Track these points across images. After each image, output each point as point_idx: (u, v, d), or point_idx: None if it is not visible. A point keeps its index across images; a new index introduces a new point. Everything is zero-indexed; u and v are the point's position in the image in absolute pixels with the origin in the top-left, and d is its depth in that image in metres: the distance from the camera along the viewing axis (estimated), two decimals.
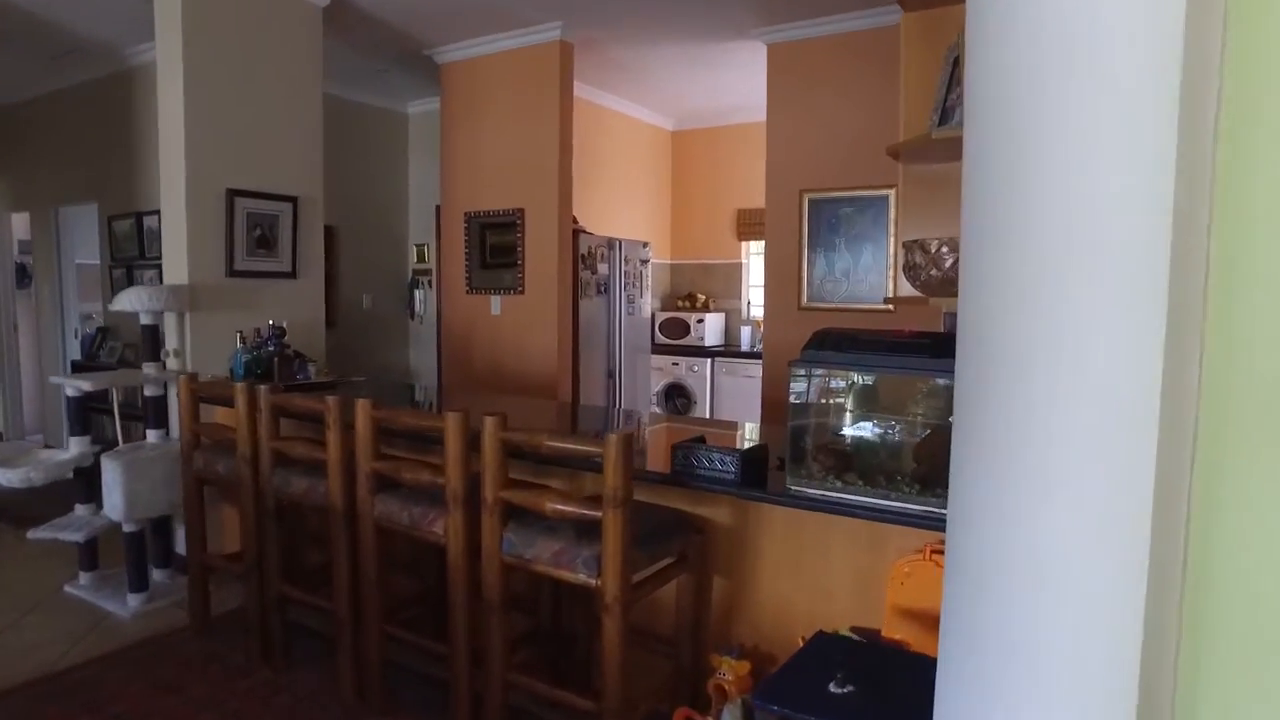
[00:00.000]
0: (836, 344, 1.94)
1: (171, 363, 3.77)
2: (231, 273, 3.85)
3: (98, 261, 5.97)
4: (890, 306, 4.53)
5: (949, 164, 2.13)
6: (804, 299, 4.86)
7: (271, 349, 3.73)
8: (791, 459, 2.00)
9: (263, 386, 2.71)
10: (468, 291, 5.22)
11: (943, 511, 1.81)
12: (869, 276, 4.64)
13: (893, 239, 4.51)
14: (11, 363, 7.26)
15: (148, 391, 3.56)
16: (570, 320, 5.00)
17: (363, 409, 2.41)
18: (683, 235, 7.46)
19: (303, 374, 3.84)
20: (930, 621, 1.95)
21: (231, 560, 3.10)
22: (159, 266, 4.29)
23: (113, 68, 5.52)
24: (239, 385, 2.78)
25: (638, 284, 5.78)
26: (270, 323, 3.80)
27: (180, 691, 2.79)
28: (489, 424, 2.12)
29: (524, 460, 2.37)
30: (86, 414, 5.50)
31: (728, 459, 2.06)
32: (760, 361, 6.29)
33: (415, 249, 6.68)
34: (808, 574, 2.22)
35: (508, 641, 2.24)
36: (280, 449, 2.70)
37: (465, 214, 5.20)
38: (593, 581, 2.02)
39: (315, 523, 3.20)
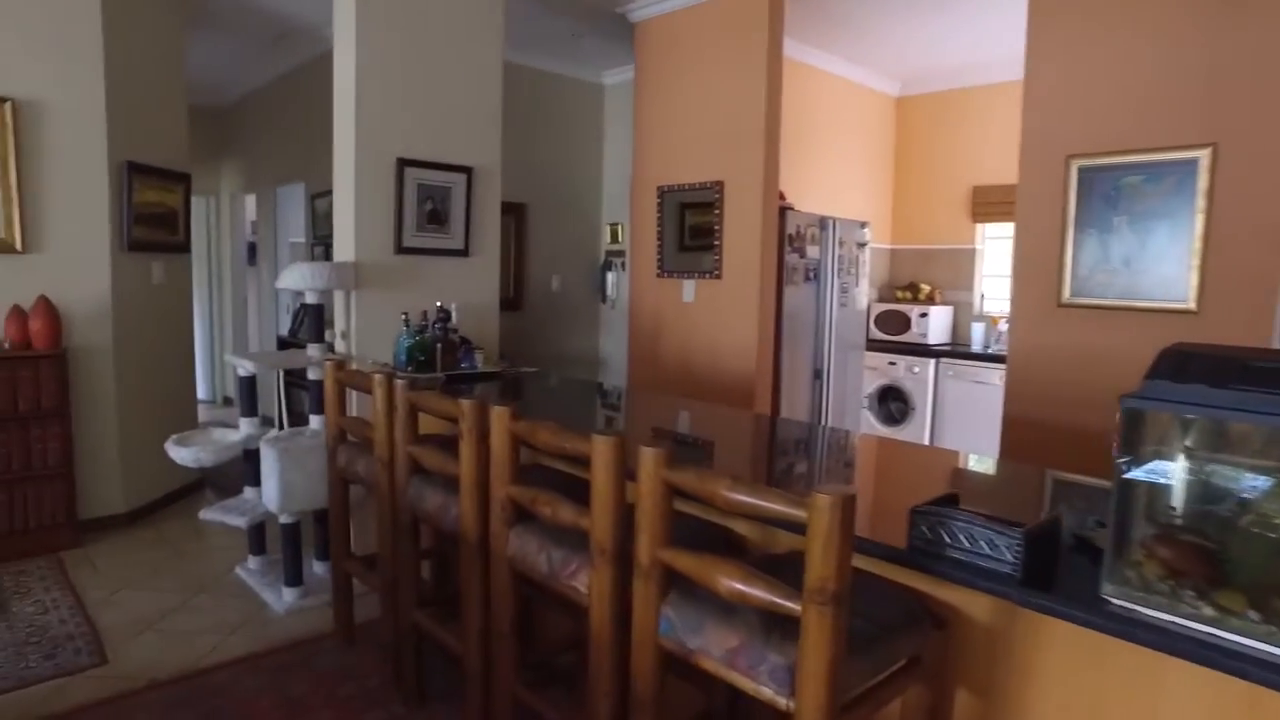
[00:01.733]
0: (1215, 374, 1.15)
1: (339, 345, 3.55)
2: (400, 249, 3.56)
3: (304, 240, 6.10)
4: (1194, 307, 3.46)
5: None
6: (1065, 293, 3.85)
7: (436, 333, 3.40)
8: (1114, 553, 1.24)
9: (399, 380, 2.30)
10: (659, 275, 4.69)
11: None
12: (1160, 266, 3.56)
13: (1202, 215, 3.41)
14: (241, 334, 7.75)
15: (311, 375, 3.34)
16: (773, 310, 4.33)
17: (499, 419, 1.91)
18: (905, 216, 6.50)
19: (468, 362, 3.48)
20: None
21: (372, 568, 2.77)
22: None
23: (317, 50, 5.54)
24: (376, 377, 2.40)
25: (853, 270, 4.98)
26: (437, 305, 3.47)
27: (305, 714, 2.49)
28: (648, 459, 1.53)
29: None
30: (288, 390, 5.59)
31: (1000, 541, 1.33)
32: (999, 367, 5.29)
33: (609, 228, 6.27)
34: (1118, 717, 1.44)
35: None
36: (416, 455, 2.29)
37: (658, 188, 4.67)
38: (783, 701, 1.37)
39: None
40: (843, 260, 4.88)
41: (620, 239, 6.14)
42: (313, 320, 3.33)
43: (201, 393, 7.76)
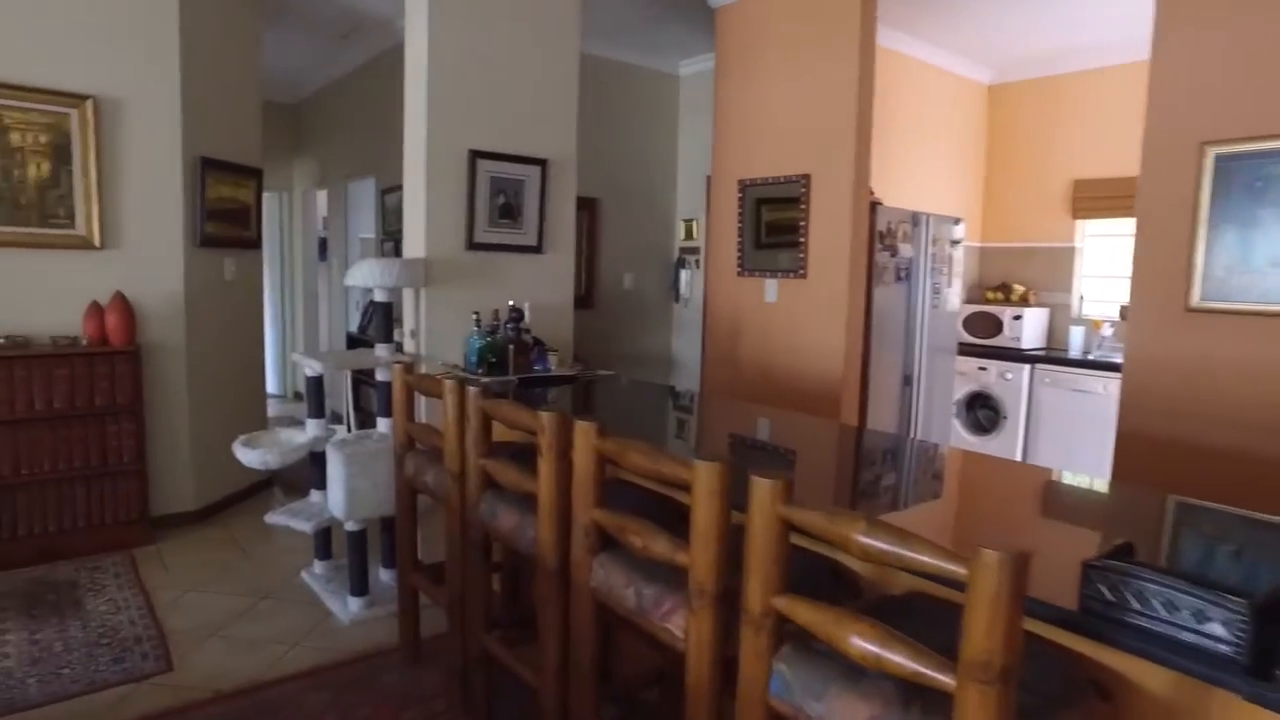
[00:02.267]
0: None
1: (408, 344, 3.42)
2: (471, 245, 3.40)
3: (374, 235, 6.04)
4: None
5: None
6: (1195, 297, 3.47)
7: (508, 334, 3.24)
8: None
9: (471, 388, 2.13)
10: (739, 273, 4.45)
11: None
12: None
13: None
14: (312, 330, 7.78)
15: (379, 376, 3.21)
16: (862, 312, 4.05)
17: (583, 436, 1.72)
18: (997, 212, 6.11)
19: (541, 364, 3.31)
20: None
21: (440, 581, 2.61)
22: None
23: (388, 43, 5.46)
24: (447, 383, 2.23)
25: (946, 269, 4.66)
26: (509, 303, 3.31)
27: None
28: (763, 492, 1.31)
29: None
30: (356, 388, 5.54)
31: (1215, 613, 1.07)
32: (1103, 375, 4.91)
33: (683, 225, 6.05)
34: None
35: None
36: (489, 469, 2.11)
37: (740, 182, 4.43)
38: None
39: None
40: (935, 258, 4.57)
41: (695, 235, 5.92)
42: (381, 319, 3.20)
43: (272, 387, 7.84)
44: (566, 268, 3.77)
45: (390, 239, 5.55)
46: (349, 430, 5.54)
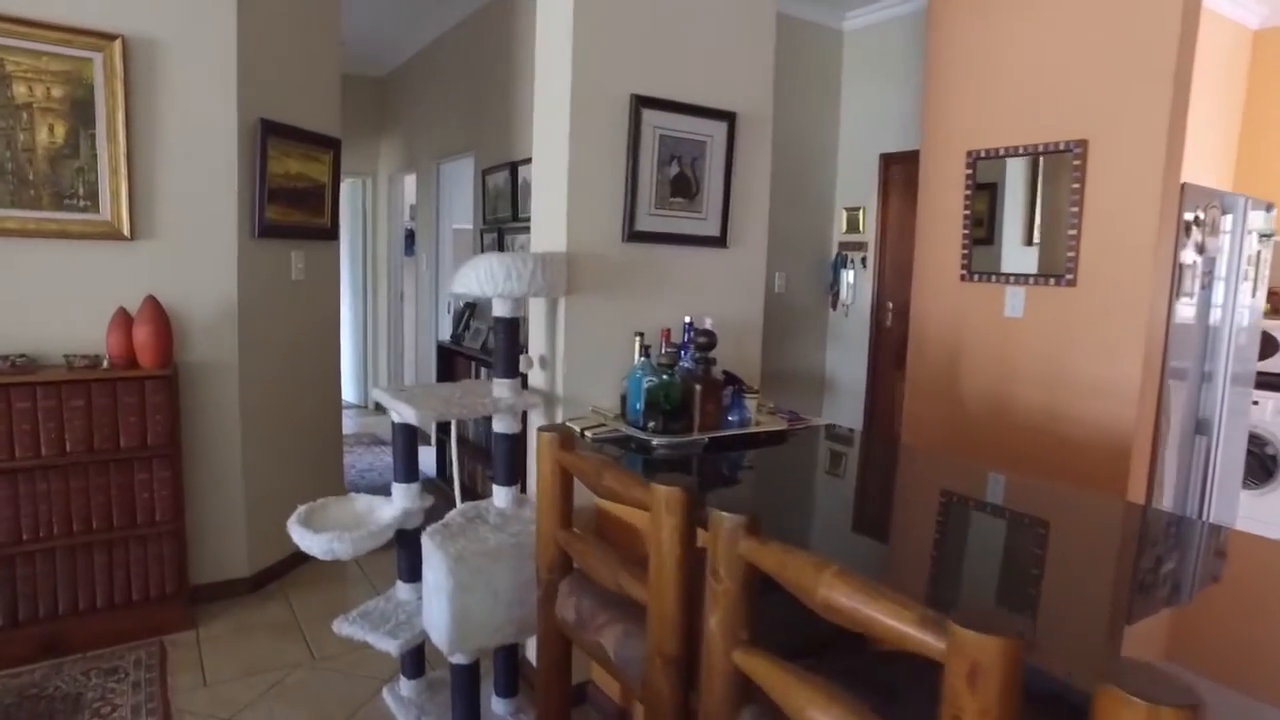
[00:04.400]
0: None
1: (534, 376, 2.37)
2: (632, 234, 2.31)
3: (471, 225, 5.06)
4: None
5: None
6: None
7: (688, 368, 2.15)
8: None
9: (728, 515, 1.04)
10: (963, 277, 3.26)
11: None
12: None
13: None
14: (396, 333, 6.91)
15: (498, 427, 2.16)
16: (1163, 334, 2.83)
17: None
18: (1259, 191, 4.74)
19: (736, 413, 2.21)
20: None
21: None
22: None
23: None
24: (663, 494, 1.15)
25: (1252, 273, 3.37)
26: (687, 321, 2.22)
27: None
28: None
29: None
30: (452, 360, 4.47)
31: None
32: None
33: (846, 214, 4.86)
34: None
35: None
36: (768, 683, 1.02)
37: (969, 154, 3.24)
38: None
39: None
40: (1245, 259, 3.29)
41: (862, 228, 4.74)
42: (503, 342, 2.16)
43: (351, 396, 7.01)
44: (756, 269, 2.64)
45: (492, 229, 4.56)
46: (444, 468, 4.57)
